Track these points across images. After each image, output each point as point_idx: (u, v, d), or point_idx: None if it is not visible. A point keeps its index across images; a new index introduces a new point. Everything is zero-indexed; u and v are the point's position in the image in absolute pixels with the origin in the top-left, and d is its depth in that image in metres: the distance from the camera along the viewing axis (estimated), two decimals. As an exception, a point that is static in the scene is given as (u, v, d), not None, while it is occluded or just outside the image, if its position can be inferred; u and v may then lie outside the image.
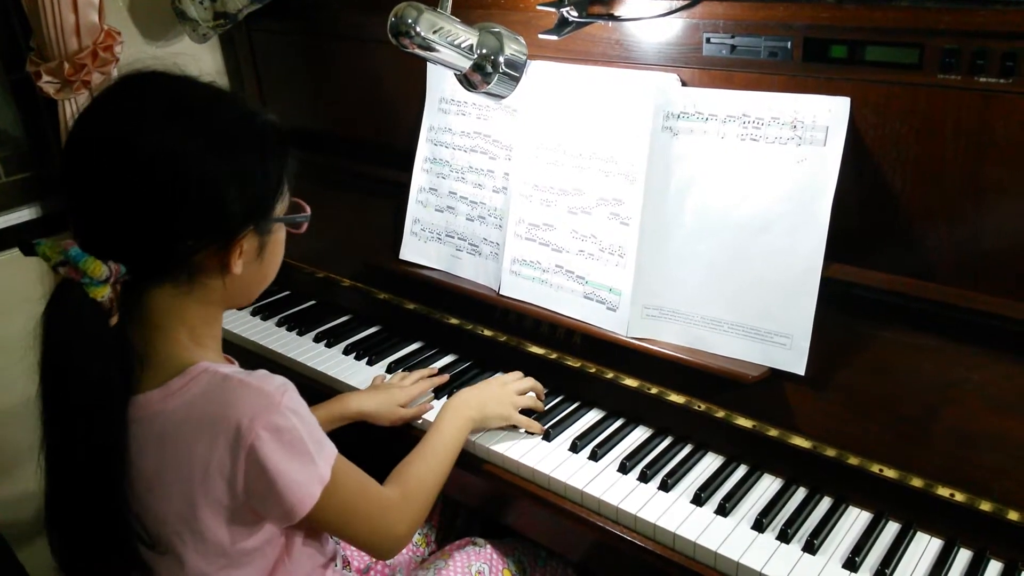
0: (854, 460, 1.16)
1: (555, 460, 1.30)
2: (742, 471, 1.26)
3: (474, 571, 1.33)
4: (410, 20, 1.27)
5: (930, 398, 1.12)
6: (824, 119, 1.18)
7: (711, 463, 1.29)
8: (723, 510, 1.18)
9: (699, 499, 1.20)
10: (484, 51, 1.39)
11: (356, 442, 1.25)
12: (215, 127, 0.94)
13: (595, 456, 1.30)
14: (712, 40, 1.26)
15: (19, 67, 1.74)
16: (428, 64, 1.60)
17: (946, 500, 1.09)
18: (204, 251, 0.94)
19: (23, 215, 1.81)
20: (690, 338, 1.31)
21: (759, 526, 1.15)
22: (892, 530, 1.14)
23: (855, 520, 1.16)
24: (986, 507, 1.06)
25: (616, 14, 1.34)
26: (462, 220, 1.61)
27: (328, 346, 1.68)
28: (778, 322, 1.23)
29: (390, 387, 1.46)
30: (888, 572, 1.06)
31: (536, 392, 1.43)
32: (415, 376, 1.50)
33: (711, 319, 1.29)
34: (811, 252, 1.20)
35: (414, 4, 1.28)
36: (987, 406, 1.09)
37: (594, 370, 1.41)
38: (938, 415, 1.11)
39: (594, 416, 1.41)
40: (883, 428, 1.14)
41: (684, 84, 1.32)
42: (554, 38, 1.37)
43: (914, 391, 1.14)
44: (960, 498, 1.08)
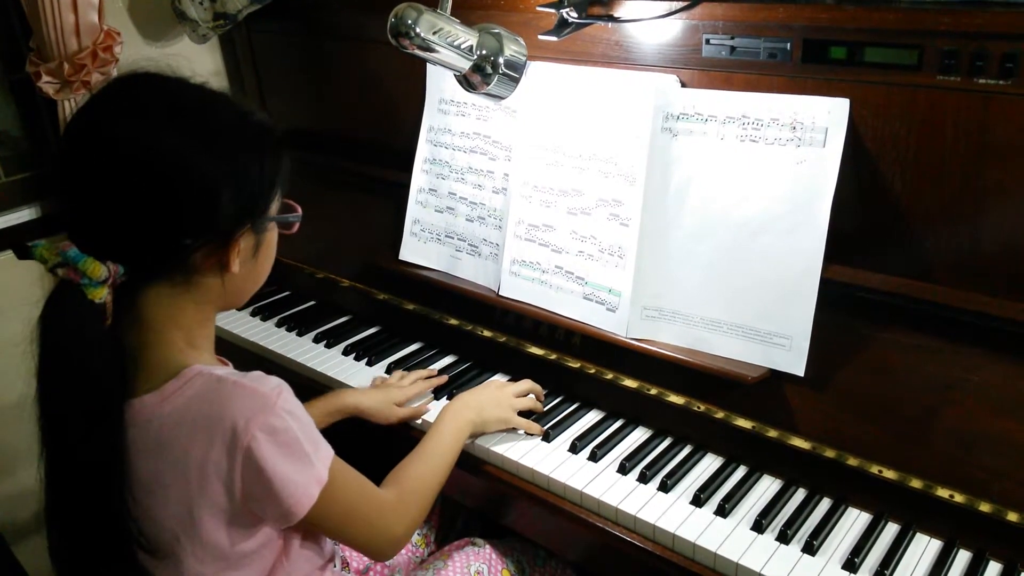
0: (853, 461, 1.16)
1: (555, 461, 1.30)
2: (741, 472, 1.27)
3: (473, 571, 1.33)
4: (410, 21, 1.27)
5: (930, 399, 1.12)
6: (823, 120, 1.18)
7: (711, 464, 1.29)
8: (722, 511, 1.18)
9: (699, 500, 1.20)
10: (484, 52, 1.39)
11: (354, 444, 1.25)
12: (211, 126, 0.94)
13: (595, 457, 1.30)
14: (712, 41, 1.26)
15: (19, 67, 1.74)
16: (428, 65, 1.60)
17: (946, 501, 1.09)
18: (202, 249, 0.94)
19: (23, 215, 1.81)
20: (690, 339, 1.31)
21: (759, 527, 1.15)
22: (892, 531, 1.14)
23: (855, 521, 1.17)
24: (985, 508, 1.06)
25: (616, 15, 1.34)
26: (462, 221, 1.61)
27: (328, 347, 1.69)
28: (777, 323, 1.23)
29: (388, 386, 1.46)
30: (888, 573, 1.06)
31: (535, 394, 1.43)
32: (413, 376, 1.50)
33: (711, 320, 1.29)
34: (811, 253, 1.20)
35: (414, 5, 1.28)
36: (987, 407, 1.09)
37: (594, 371, 1.41)
38: (938, 416, 1.11)
39: (594, 417, 1.41)
40: (883, 429, 1.14)
41: (684, 85, 1.32)
42: (554, 39, 1.37)
43: (914, 392, 1.14)
44: (959, 499, 1.08)
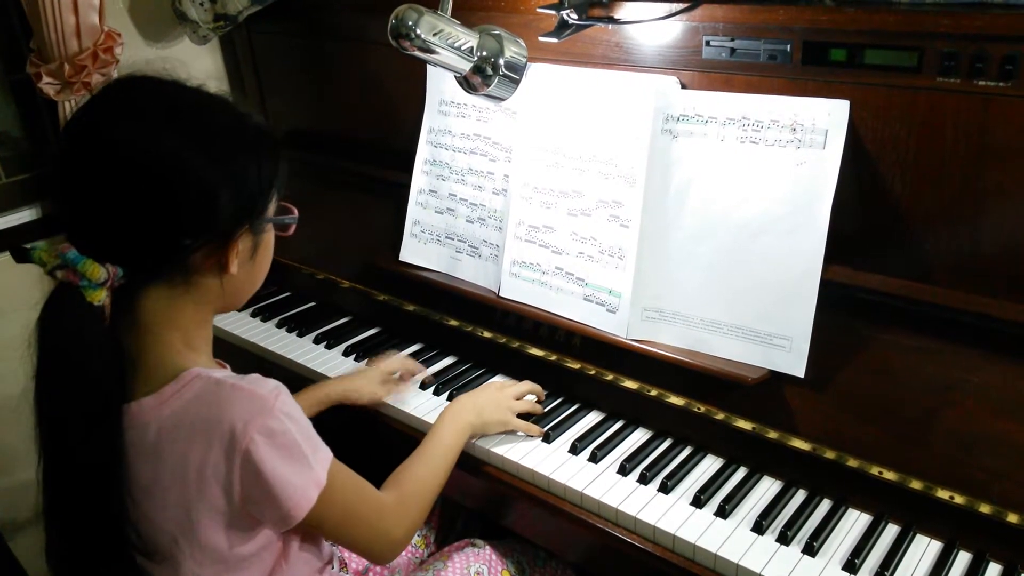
0: (854, 462, 1.16)
1: (555, 462, 1.30)
2: (742, 473, 1.27)
3: (473, 572, 1.33)
4: (410, 22, 1.27)
5: (930, 400, 1.12)
6: (823, 122, 1.18)
7: (711, 465, 1.29)
8: (723, 512, 1.18)
9: (699, 501, 1.20)
10: (484, 53, 1.39)
11: (354, 446, 1.25)
12: (209, 128, 0.95)
13: (595, 458, 1.30)
14: (712, 43, 1.26)
15: (19, 68, 1.74)
16: (428, 66, 1.60)
17: (946, 502, 1.09)
18: (201, 250, 0.95)
19: (23, 216, 1.81)
20: (690, 340, 1.32)
21: (759, 528, 1.15)
22: (892, 532, 1.14)
23: (855, 522, 1.17)
24: (986, 509, 1.06)
25: (616, 17, 1.34)
26: (462, 222, 1.61)
27: (328, 347, 1.69)
28: (778, 324, 1.23)
29: (367, 368, 1.51)
30: (888, 574, 1.06)
31: (536, 394, 1.43)
32: (391, 358, 1.54)
33: (711, 321, 1.29)
34: (811, 254, 1.20)
35: (414, 6, 1.28)
36: (987, 408, 1.09)
37: (594, 372, 1.41)
38: (938, 417, 1.11)
39: (594, 418, 1.41)
40: (883, 430, 1.14)
41: (684, 87, 1.32)
42: (554, 40, 1.37)
43: (914, 393, 1.14)
44: (960, 500, 1.08)
